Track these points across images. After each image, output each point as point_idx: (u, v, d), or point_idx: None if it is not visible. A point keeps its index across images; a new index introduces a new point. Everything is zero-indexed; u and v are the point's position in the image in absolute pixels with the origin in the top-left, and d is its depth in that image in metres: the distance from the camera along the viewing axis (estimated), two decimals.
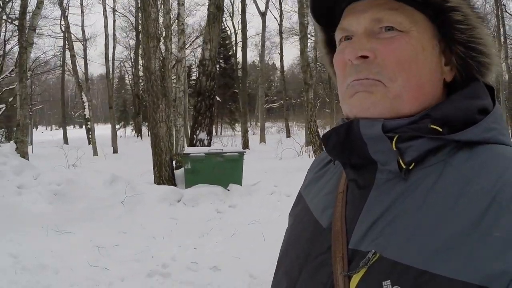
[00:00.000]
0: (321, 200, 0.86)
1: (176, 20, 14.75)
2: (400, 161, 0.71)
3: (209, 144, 10.01)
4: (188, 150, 9.07)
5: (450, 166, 0.70)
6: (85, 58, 29.59)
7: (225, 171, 8.73)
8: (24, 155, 10.98)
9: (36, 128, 66.46)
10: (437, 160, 0.71)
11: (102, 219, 6.81)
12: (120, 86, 55.90)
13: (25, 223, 6.38)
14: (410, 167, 0.71)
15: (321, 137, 0.82)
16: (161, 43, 11.25)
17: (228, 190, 8.54)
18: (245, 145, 20.79)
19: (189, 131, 12.39)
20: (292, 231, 0.92)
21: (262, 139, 28.85)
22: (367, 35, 0.75)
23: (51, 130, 69.71)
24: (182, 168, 9.67)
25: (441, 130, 0.70)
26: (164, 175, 9.05)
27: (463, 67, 0.77)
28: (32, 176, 8.13)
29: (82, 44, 30.08)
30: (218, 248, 5.66)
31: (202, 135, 9.83)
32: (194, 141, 9.84)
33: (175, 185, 9.06)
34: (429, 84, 0.75)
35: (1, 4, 21.40)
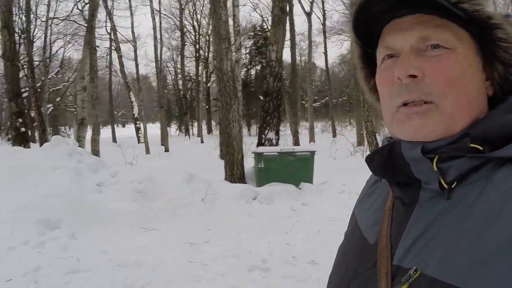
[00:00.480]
0: (371, 217, 0.88)
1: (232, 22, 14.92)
2: (442, 181, 0.71)
3: (277, 144, 10.14)
4: (260, 149, 9.23)
5: (491, 182, 0.68)
6: (136, 59, 30.10)
7: (297, 170, 8.84)
8: (96, 153, 11.31)
9: None
10: (479, 177, 0.70)
11: (185, 217, 6.96)
12: (162, 86, 56.68)
13: (109, 220, 6.51)
14: (452, 186, 0.71)
15: (365, 159, 0.83)
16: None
17: (300, 188, 8.64)
18: (296, 144, 20.85)
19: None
20: (343, 247, 0.94)
21: (312, 139, 28.70)
22: (414, 53, 0.74)
23: None
24: (250, 166, 9.88)
25: (481, 148, 0.69)
26: (236, 173, 9.26)
27: (503, 81, 0.76)
28: (109, 174, 8.33)
29: (133, 45, 30.60)
30: (308, 243, 5.75)
31: (271, 135, 9.99)
32: (263, 141, 10.01)
33: (245, 183, 9.23)
34: (477, 100, 0.74)
35: (80, 8, 22.39)
